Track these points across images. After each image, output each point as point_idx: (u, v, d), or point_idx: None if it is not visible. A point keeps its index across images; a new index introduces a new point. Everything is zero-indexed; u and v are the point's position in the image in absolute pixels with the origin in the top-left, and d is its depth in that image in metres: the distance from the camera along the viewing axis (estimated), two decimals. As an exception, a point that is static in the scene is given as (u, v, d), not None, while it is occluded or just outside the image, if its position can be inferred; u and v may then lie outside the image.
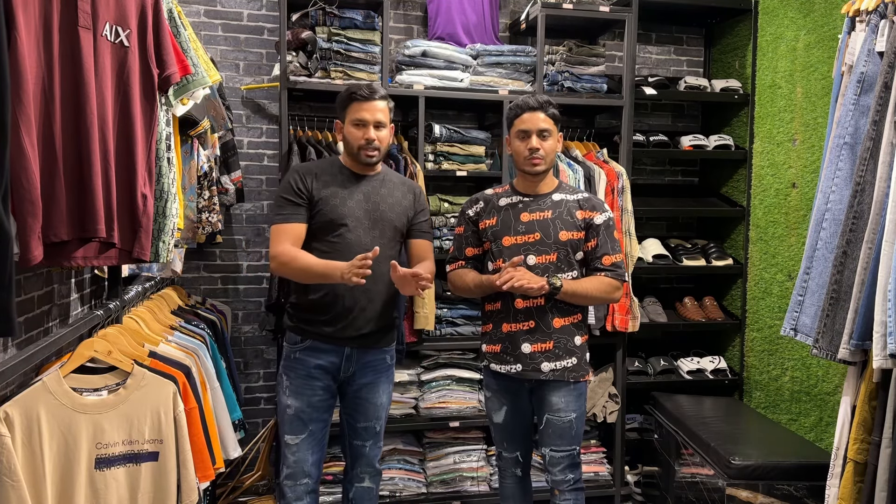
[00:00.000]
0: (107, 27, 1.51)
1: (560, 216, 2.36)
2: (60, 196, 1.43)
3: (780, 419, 3.32)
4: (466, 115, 3.70)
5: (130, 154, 1.57)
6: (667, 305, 3.72)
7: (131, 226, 1.60)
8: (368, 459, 2.47)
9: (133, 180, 1.58)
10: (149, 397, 1.77)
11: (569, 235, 2.35)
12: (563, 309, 2.35)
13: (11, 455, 1.49)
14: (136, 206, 1.59)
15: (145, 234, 1.62)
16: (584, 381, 2.41)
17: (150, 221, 1.63)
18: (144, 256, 1.63)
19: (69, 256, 1.48)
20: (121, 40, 1.55)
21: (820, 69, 3.09)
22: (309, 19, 3.13)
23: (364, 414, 2.42)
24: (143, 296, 2.45)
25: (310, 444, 2.35)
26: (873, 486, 2.07)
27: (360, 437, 2.45)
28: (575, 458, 2.42)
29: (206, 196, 2.66)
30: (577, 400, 2.39)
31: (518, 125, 2.36)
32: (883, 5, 2.16)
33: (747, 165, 3.61)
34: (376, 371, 2.42)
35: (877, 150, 2.09)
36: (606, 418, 3.35)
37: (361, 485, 2.48)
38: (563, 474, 2.40)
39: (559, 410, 2.37)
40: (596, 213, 2.38)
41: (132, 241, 1.60)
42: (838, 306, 2.16)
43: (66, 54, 1.43)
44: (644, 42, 3.92)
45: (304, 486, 2.36)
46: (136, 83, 1.59)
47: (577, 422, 2.40)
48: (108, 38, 1.52)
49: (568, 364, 2.35)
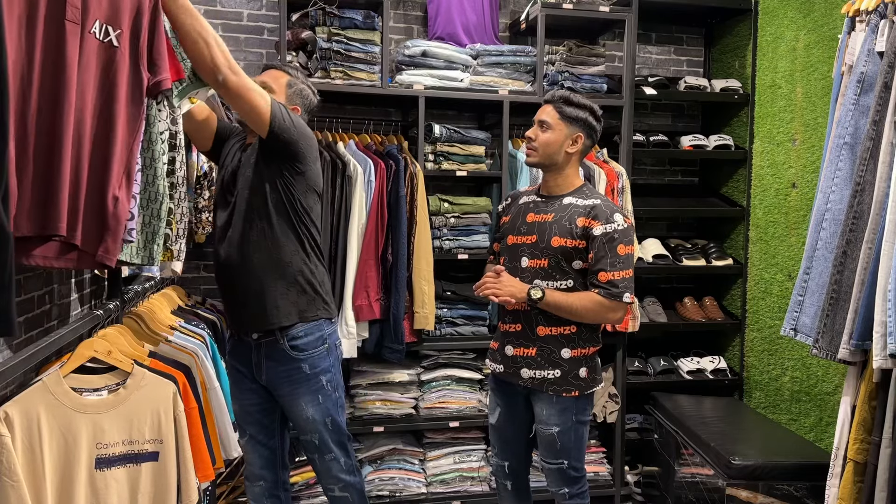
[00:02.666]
0: (96, 25, 1.49)
1: (559, 221, 2.25)
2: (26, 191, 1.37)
3: (780, 419, 3.32)
4: (466, 115, 3.70)
5: (107, 154, 1.51)
6: (667, 305, 3.72)
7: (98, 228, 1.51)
8: (324, 474, 2.29)
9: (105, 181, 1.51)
10: (149, 397, 1.77)
11: (561, 242, 2.22)
12: (552, 318, 2.24)
13: (11, 455, 1.49)
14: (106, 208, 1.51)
15: (113, 237, 1.52)
16: (570, 396, 2.26)
17: (119, 224, 1.53)
18: (109, 261, 1.52)
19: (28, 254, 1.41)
20: (110, 40, 1.52)
21: (820, 69, 3.09)
22: (309, 19, 3.13)
23: (298, 427, 2.25)
24: (142, 296, 2.45)
25: (254, 448, 2.28)
26: (873, 486, 2.07)
27: (308, 450, 2.29)
28: (566, 472, 2.33)
29: (206, 196, 2.66)
30: (560, 414, 2.27)
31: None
32: (883, 5, 2.16)
33: (747, 165, 3.61)
34: (292, 382, 2.18)
35: (877, 150, 2.09)
36: (606, 418, 3.35)
37: (332, 494, 2.33)
38: (556, 487, 2.36)
39: (542, 422, 2.31)
40: (596, 224, 2.19)
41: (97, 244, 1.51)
42: (838, 306, 2.16)
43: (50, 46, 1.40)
44: (644, 42, 3.92)
45: (259, 487, 2.30)
46: (122, 85, 1.54)
47: (560, 437, 2.28)
48: (96, 36, 1.49)
49: (549, 375, 2.25)
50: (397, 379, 3.21)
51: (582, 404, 2.30)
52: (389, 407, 3.21)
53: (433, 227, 3.22)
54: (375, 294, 3.03)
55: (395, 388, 3.23)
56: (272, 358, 2.16)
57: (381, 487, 3.17)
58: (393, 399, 3.21)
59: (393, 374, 3.20)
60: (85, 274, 2.27)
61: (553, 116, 2.28)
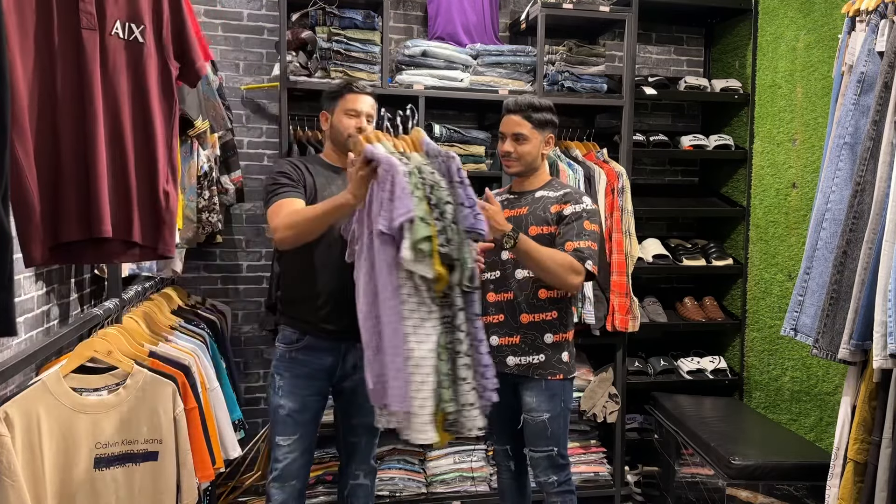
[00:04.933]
0: (117, 25, 1.50)
1: (534, 212, 2.35)
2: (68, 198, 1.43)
3: (780, 419, 3.32)
4: (466, 115, 3.70)
5: (151, 151, 1.56)
6: (667, 305, 3.72)
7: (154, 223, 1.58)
8: (363, 456, 2.46)
9: (155, 177, 1.56)
10: (148, 397, 1.77)
11: (538, 230, 2.32)
12: (535, 305, 2.34)
13: (11, 455, 1.49)
14: (159, 203, 1.57)
15: (169, 230, 1.60)
16: (556, 379, 2.34)
17: (173, 217, 1.62)
18: (169, 253, 1.61)
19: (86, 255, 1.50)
20: (135, 37, 1.53)
21: (820, 69, 3.09)
22: (309, 19, 3.13)
23: (361, 409, 2.39)
24: (142, 296, 2.45)
25: (300, 446, 2.32)
26: (873, 486, 2.07)
27: (356, 434, 2.43)
28: (555, 459, 2.38)
29: (206, 196, 2.66)
30: (549, 400, 2.34)
31: (501, 127, 2.40)
32: (883, 5, 2.16)
33: (747, 165, 3.61)
34: None
35: (877, 150, 2.09)
36: (606, 418, 3.35)
37: (356, 482, 2.47)
38: (545, 475, 2.39)
39: (531, 410, 2.36)
40: (567, 206, 2.32)
41: (156, 238, 1.59)
42: (838, 306, 2.16)
43: (69, 58, 1.42)
44: (644, 42, 3.92)
45: (290, 487, 2.32)
46: (152, 79, 1.56)
47: (551, 422, 2.35)
48: (119, 37, 1.50)
49: (534, 360, 2.34)
50: (397, 379, 3.20)
51: (568, 390, 2.41)
52: (389, 407, 3.20)
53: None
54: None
55: (395, 388, 3.22)
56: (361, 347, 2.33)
57: (381, 487, 3.16)
58: (393, 399, 3.21)
59: (393, 374, 3.20)
60: (85, 274, 2.27)
61: (526, 127, 2.35)
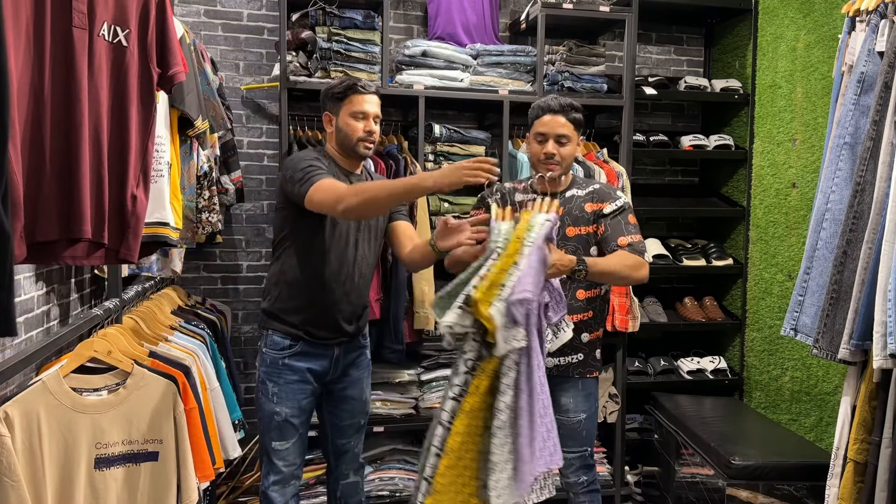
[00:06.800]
0: (104, 27, 1.50)
1: (569, 212, 2.32)
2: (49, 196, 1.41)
3: (780, 419, 3.32)
4: (466, 115, 3.70)
5: (124, 155, 1.55)
6: (667, 305, 3.71)
7: (120, 226, 1.57)
8: (353, 455, 2.47)
9: (124, 181, 1.55)
10: (149, 397, 1.77)
11: (576, 231, 2.31)
12: (574, 307, 2.32)
13: (11, 455, 1.49)
14: (125, 207, 1.56)
15: (133, 234, 1.59)
16: (592, 377, 2.39)
17: (139, 222, 1.60)
18: (131, 257, 1.59)
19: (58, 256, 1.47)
20: (119, 40, 1.54)
21: (820, 69, 3.09)
22: (309, 19, 3.13)
23: (350, 411, 2.43)
24: (142, 296, 2.45)
25: (298, 449, 2.34)
26: (873, 486, 2.07)
27: (346, 435, 2.44)
28: (587, 459, 2.40)
29: (206, 196, 2.66)
30: (585, 400, 2.37)
31: (537, 126, 2.30)
32: (883, 5, 2.16)
33: (747, 165, 3.61)
34: (359, 368, 2.44)
35: (877, 150, 2.09)
36: (606, 418, 3.35)
37: (347, 481, 2.48)
38: (575, 476, 2.39)
39: (567, 411, 2.35)
40: (605, 204, 2.31)
41: (120, 241, 1.57)
42: (838, 306, 2.16)
43: (59, 55, 1.41)
44: (644, 42, 3.92)
45: (292, 487, 2.35)
46: (133, 84, 1.57)
47: (587, 422, 2.38)
48: (105, 39, 1.50)
49: (573, 360, 2.35)
50: (397, 379, 3.21)
51: (599, 389, 2.46)
52: (390, 407, 3.20)
53: (433, 227, 3.21)
54: (375, 294, 3.02)
55: (395, 389, 3.23)
56: (351, 350, 2.41)
57: (382, 487, 3.16)
58: (393, 399, 3.21)
59: (393, 375, 3.20)
60: (85, 274, 2.27)
61: (569, 128, 2.28)
